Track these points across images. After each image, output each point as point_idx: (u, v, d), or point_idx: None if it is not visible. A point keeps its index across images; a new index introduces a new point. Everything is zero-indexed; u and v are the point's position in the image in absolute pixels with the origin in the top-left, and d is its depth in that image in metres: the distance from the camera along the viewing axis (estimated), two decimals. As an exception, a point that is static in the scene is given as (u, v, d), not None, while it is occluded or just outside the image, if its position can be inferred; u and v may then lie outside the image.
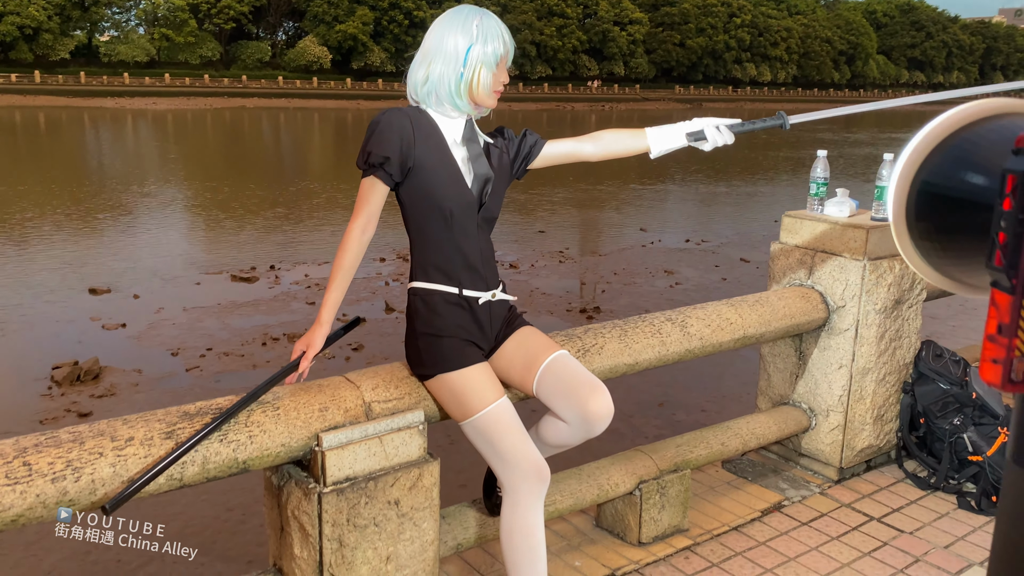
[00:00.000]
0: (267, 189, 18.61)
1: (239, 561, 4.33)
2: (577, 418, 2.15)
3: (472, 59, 2.08)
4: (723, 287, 11.02)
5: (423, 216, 2.16)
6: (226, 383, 7.51)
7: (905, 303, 3.27)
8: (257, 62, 60.62)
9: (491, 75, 2.12)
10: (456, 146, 2.17)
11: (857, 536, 2.97)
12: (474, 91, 2.12)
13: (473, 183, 2.16)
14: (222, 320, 9.12)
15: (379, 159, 2.08)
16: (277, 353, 8.20)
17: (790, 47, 78.54)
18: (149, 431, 1.86)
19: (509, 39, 2.14)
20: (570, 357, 2.22)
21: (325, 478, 2.03)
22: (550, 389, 2.17)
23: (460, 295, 2.18)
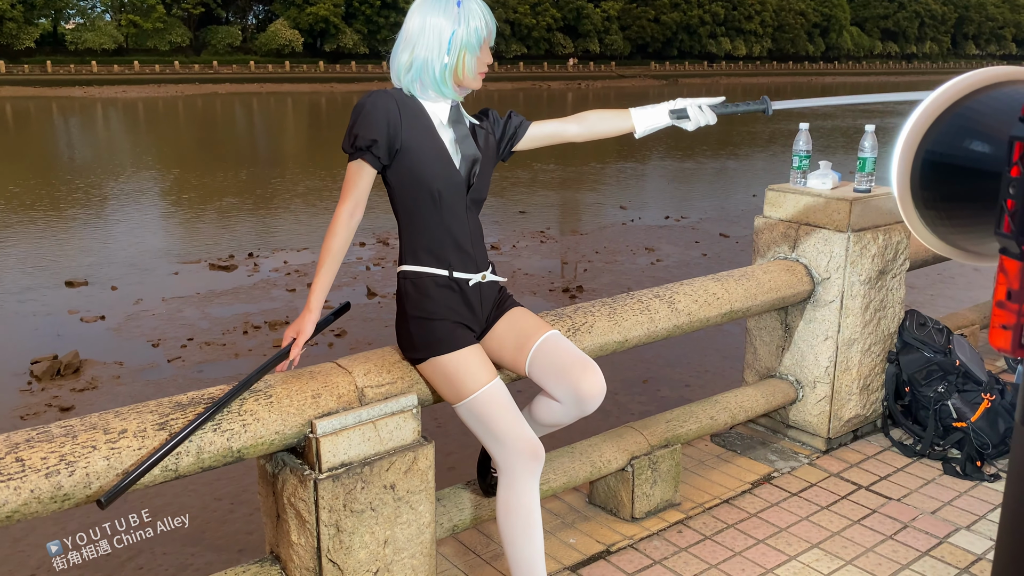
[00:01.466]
0: (242, 176, 18.43)
1: (229, 550, 4.33)
2: (570, 397, 2.15)
3: (456, 44, 2.06)
4: (704, 263, 11.08)
5: (412, 198, 2.15)
6: (209, 373, 7.47)
7: (889, 273, 3.30)
8: (228, 47, 59.81)
9: (475, 59, 2.10)
10: (443, 127, 2.15)
11: (846, 505, 3.01)
12: (459, 76, 2.11)
13: (461, 164, 2.15)
14: (202, 309, 9.05)
15: (366, 142, 2.06)
16: (259, 341, 8.15)
17: (764, 20, 78.57)
18: (142, 423, 1.85)
19: (491, 18, 2.12)
20: (561, 337, 2.23)
21: (320, 464, 2.03)
22: (542, 369, 2.18)
23: (450, 277, 2.17)
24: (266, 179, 17.89)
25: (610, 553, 2.72)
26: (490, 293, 2.24)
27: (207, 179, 18.02)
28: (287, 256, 11.32)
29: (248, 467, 2.21)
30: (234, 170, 19.37)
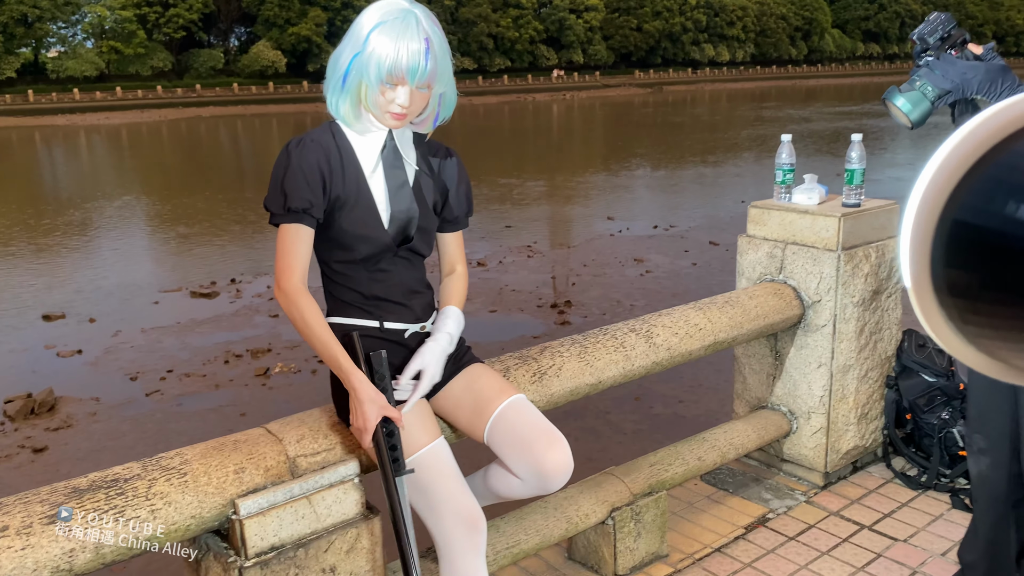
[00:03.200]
0: (226, 200, 18.17)
1: None
2: (531, 473, 1.88)
3: (353, 66, 1.78)
4: (695, 272, 10.86)
5: (330, 251, 1.90)
6: (188, 405, 7.21)
7: (884, 293, 3.06)
8: (210, 70, 59.57)
9: (375, 93, 1.78)
10: (374, 176, 1.88)
11: (849, 549, 2.75)
12: (363, 104, 1.82)
13: (391, 222, 1.87)
14: (182, 339, 8.81)
15: (303, 203, 1.80)
16: (240, 371, 7.89)
17: (746, 25, 78.71)
18: (28, 516, 1.58)
19: (408, 58, 1.74)
20: (526, 402, 1.96)
21: (246, 550, 1.76)
22: (502, 439, 1.91)
23: (381, 329, 1.92)
24: (250, 202, 17.63)
25: (591, 618, 2.46)
26: None
27: (189, 204, 17.76)
28: (270, 281, 11.05)
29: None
30: (217, 194, 19.12)
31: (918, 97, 1.92)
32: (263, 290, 10.53)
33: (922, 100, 1.92)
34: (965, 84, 1.90)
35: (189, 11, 57.13)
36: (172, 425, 6.75)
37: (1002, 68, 1.91)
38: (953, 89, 1.91)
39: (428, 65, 1.75)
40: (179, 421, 6.88)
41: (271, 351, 8.39)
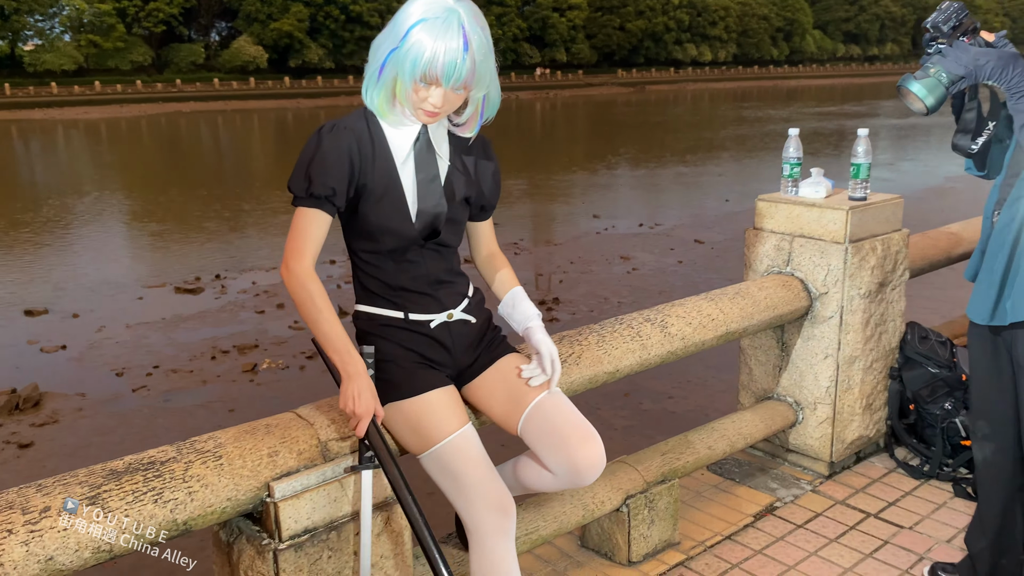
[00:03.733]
0: (208, 195, 18.03)
1: None
2: (564, 468, 1.90)
3: (391, 60, 1.77)
4: (680, 270, 10.93)
5: (357, 239, 1.91)
6: (176, 401, 7.18)
7: (889, 285, 3.11)
8: (191, 65, 59.01)
9: (408, 90, 1.78)
10: (404, 167, 1.87)
11: (856, 536, 2.80)
12: (397, 97, 1.81)
13: (418, 217, 1.87)
14: (168, 335, 8.76)
15: (325, 190, 1.80)
16: (227, 367, 7.86)
17: (728, 26, 79.07)
18: (70, 497, 1.59)
19: (445, 59, 1.71)
20: (562, 396, 1.97)
21: (280, 532, 1.78)
22: (537, 433, 1.92)
23: (406, 320, 1.93)
24: (233, 197, 17.52)
25: (607, 603, 2.49)
26: (465, 331, 1.99)
27: (171, 199, 17.63)
28: (255, 276, 11.02)
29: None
30: (199, 189, 18.97)
31: (933, 83, 1.96)
32: (248, 286, 10.48)
33: (937, 86, 1.96)
34: (978, 70, 1.95)
35: (169, 5, 56.56)
36: (160, 421, 6.71)
37: (1013, 55, 1.96)
38: (966, 75, 1.95)
39: (465, 68, 1.73)
40: (167, 417, 6.84)
41: (258, 347, 8.36)
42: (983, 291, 2.15)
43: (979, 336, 2.24)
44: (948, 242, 3.68)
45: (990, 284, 2.12)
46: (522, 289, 2.09)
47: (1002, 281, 2.09)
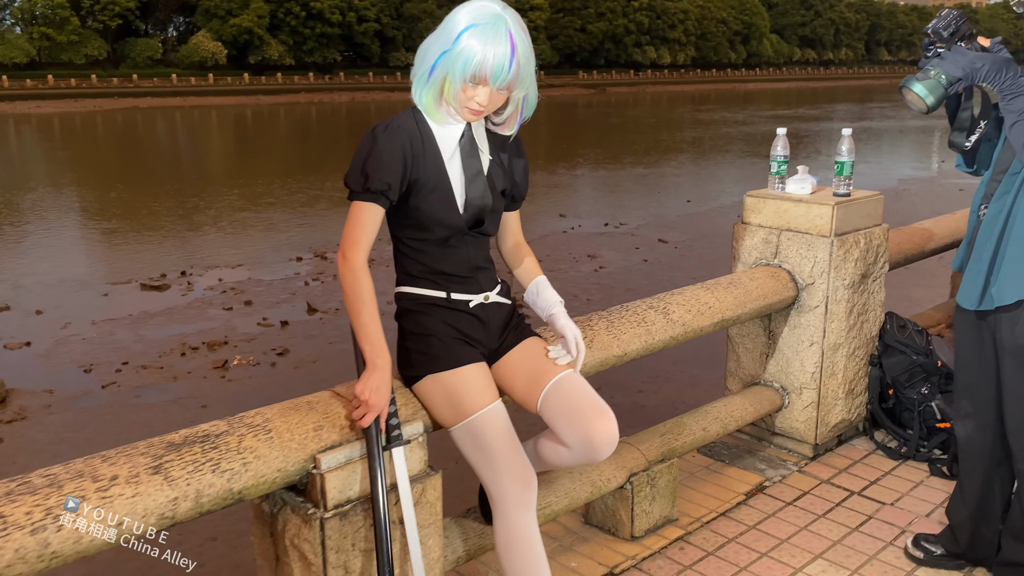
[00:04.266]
0: (168, 192, 17.82)
1: None
2: (579, 443, 2.04)
3: (442, 62, 1.89)
4: (646, 268, 11.15)
5: (405, 229, 2.03)
6: (147, 397, 7.16)
7: (870, 277, 3.30)
8: (148, 60, 58.02)
9: (457, 90, 1.91)
10: (452, 162, 2.01)
11: (842, 512, 2.98)
12: (444, 97, 1.94)
13: (466, 208, 2.01)
14: (136, 332, 8.70)
15: (382, 185, 1.91)
16: (198, 363, 7.85)
17: (687, 29, 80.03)
18: (134, 467, 1.68)
19: (494, 65, 1.86)
20: (579, 377, 2.11)
21: (326, 502, 1.88)
22: (555, 409, 2.05)
23: (448, 299, 2.06)
24: (194, 195, 17.34)
25: (614, 575, 2.63)
26: (498, 313, 2.13)
27: (131, 196, 17.39)
28: (221, 273, 10.98)
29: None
30: (159, 186, 18.74)
31: (934, 84, 2.13)
32: (215, 283, 10.45)
33: (937, 87, 2.13)
34: (974, 72, 2.12)
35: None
36: (132, 417, 6.69)
37: (1007, 59, 2.14)
38: (964, 77, 2.13)
39: (511, 71, 1.88)
40: (139, 413, 6.82)
41: (227, 343, 8.36)
42: (972, 279, 2.33)
43: (966, 321, 2.42)
44: (922, 237, 3.89)
45: (978, 272, 2.30)
46: (545, 278, 2.24)
47: (989, 269, 2.27)
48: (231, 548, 4.50)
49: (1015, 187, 2.23)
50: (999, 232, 2.25)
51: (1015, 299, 2.23)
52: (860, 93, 63.11)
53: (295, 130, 37.42)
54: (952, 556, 2.61)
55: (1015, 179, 2.23)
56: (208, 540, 4.54)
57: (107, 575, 4.14)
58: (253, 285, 10.40)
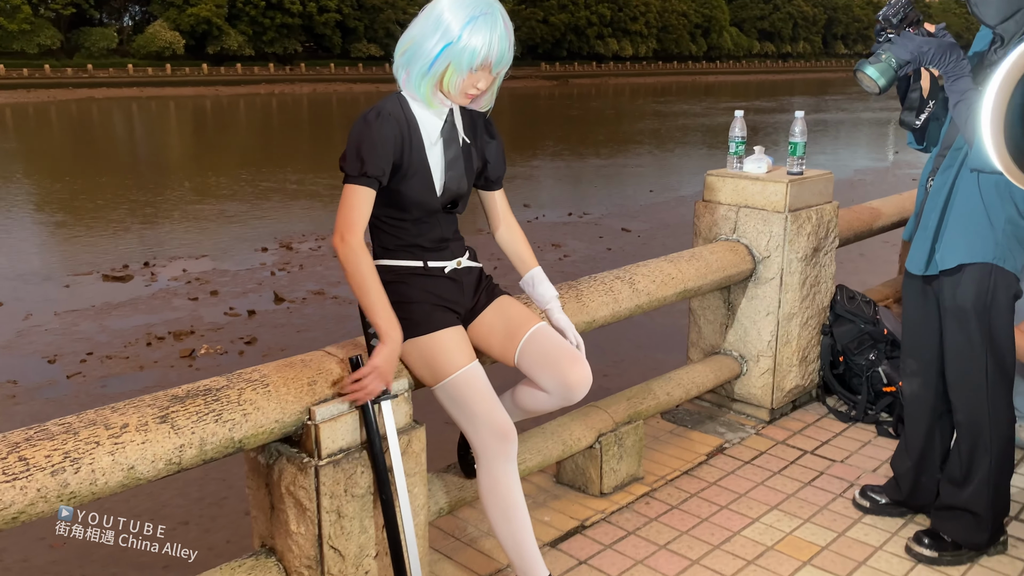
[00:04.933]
0: (127, 184, 17.62)
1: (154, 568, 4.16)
2: (558, 387, 2.21)
3: (445, 55, 2.01)
4: (610, 257, 11.34)
5: (383, 208, 2.16)
6: (113, 387, 7.17)
7: (822, 251, 3.51)
8: (103, 50, 56.91)
9: (461, 79, 2.04)
10: (432, 147, 2.14)
11: (796, 469, 3.19)
12: (443, 86, 2.06)
13: (443, 192, 2.16)
14: (99, 322, 8.67)
15: (378, 171, 2.04)
16: (164, 352, 7.87)
17: (649, 21, 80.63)
18: (143, 416, 1.81)
19: (500, 47, 2.02)
20: (549, 328, 2.28)
21: (320, 451, 2.02)
22: (532, 359, 2.22)
23: (425, 267, 2.21)
24: (153, 186, 17.16)
25: (585, 528, 2.80)
26: (470, 277, 2.28)
27: (90, 187, 17.14)
28: (185, 264, 10.95)
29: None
30: (117, 178, 18.52)
31: (885, 67, 2.32)
32: (179, 273, 10.43)
33: (888, 69, 2.32)
34: (921, 56, 2.31)
35: (79, -14, 54.47)
36: (99, 406, 6.71)
37: (951, 43, 2.33)
38: (912, 59, 2.32)
39: (509, 56, 2.05)
40: (106, 402, 6.83)
41: (194, 333, 8.37)
42: (919, 246, 2.53)
43: (913, 287, 2.63)
44: (870, 216, 4.12)
45: (925, 239, 2.51)
46: (540, 270, 2.40)
47: (934, 237, 2.47)
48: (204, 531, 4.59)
49: (958, 161, 2.43)
50: (943, 203, 2.45)
51: (956, 263, 2.43)
52: (817, 86, 64.10)
53: (256, 122, 37.09)
54: (895, 504, 2.82)
55: (958, 154, 2.43)
56: (181, 524, 4.62)
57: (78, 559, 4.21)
58: (218, 275, 10.40)
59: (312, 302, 9.16)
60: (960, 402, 2.56)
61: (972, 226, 2.40)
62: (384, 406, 2.10)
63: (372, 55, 65.73)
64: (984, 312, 2.43)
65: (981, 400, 2.50)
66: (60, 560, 4.14)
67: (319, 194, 15.57)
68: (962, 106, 2.30)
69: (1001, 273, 2.42)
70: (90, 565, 4.15)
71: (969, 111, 2.26)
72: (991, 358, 2.47)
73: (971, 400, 2.52)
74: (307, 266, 10.62)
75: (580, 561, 2.62)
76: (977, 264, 2.41)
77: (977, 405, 2.51)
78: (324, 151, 23.66)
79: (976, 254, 2.40)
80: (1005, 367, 2.50)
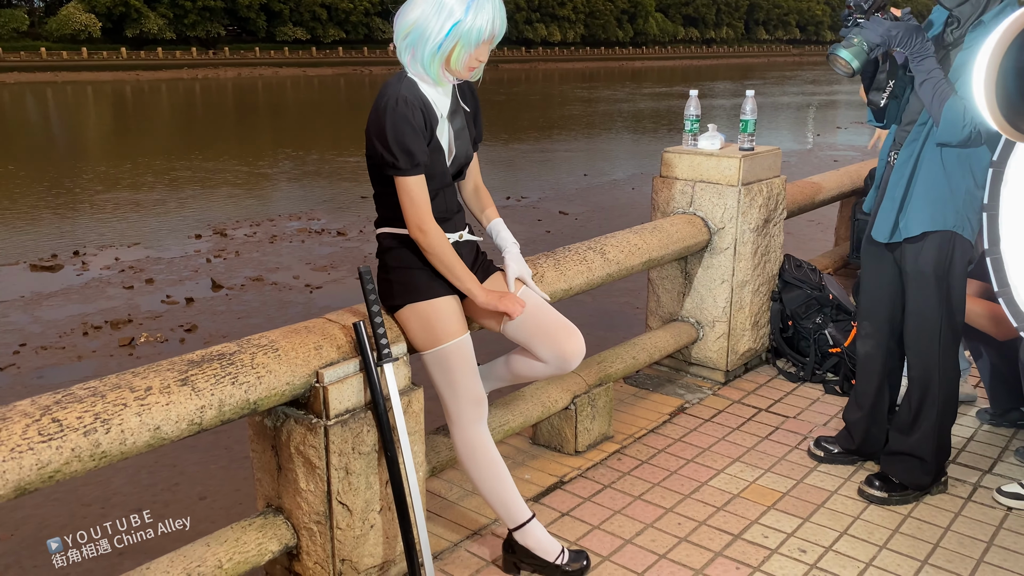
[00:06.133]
0: (46, 172, 17.02)
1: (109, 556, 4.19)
2: (555, 358, 2.35)
3: (454, 34, 2.08)
4: (549, 239, 11.53)
5: None
6: (50, 378, 7.03)
7: (771, 222, 3.74)
8: (12, 32, 54.52)
9: (468, 54, 2.13)
10: (443, 123, 2.23)
11: (753, 425, 3.42)
12: (449, 64, 2.15)
13: (452, 163, 2.26)
14: (30, 313, 8.43)
15: (424, 157, 2.13)
16: (102, 342, 7.73)
17: (576, 7, 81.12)
18: (164, 380, 1.89)
19: (501, 20, 2.12)
20: (542, 301, 2.42)
21: (328, 412, 2.13)
22: (528, 331, 2.35)
23: None
24: (74, 174, 16.62)
25: (563, 483, 2.97)
26: (469, 251, 2.40)
27: (7, 176, 16.54)
28: (118, 252, 10.70)
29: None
30: (35, 165, 17.87)
31: (857, 50, 2.52)
32: (111, 262, 10.21)
33: (861, 52, 2.52)
34: (890, 39, 2.51)
35: (-15, -34, 52.00)
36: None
37: (916, 26, 2.54)
38: (881, 43, 2.52)
39: (506, 25, 2.17)
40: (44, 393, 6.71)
41: (132, 322, 8.23)
42: (884, 216, 2.73)
43: (873, 253, 2.84)
44: (812, 190, 4.38)
45: (891, 210, 2.70)
46: (502, 221, 2.53)
47: (899, 207, 2.68)
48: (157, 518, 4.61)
49: (922, 135, 2.64)
50: (908, 175, 2.66)
51: (920, 231, 2.64)
52: (740, 71, 65.54)
53: (179, 107, 36.09)
54: (847, 452, 3.07)
55: (923, 129, 2.64)
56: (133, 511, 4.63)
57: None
58: (152, 263, 10.21)
59: (251, 288, 9.09)
60: (915, 359, 2.79)
61: (935, 196, 2.61)
62: (386, 368, 2.22)
63: (298, 38, 64.51)
64: (943, 276, 2.66)
65: (933, 357, 2.73)
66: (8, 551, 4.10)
67: (246, 180, 15.36)
68: (928, 84, 2.51)
69: (960, 240, 2.64)
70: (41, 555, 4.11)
71: (935, 90, 2.48)
72: (945, 319, 2.70)
73: (925, 357, 2.75)
74: (243, 252, 10.51)
75: (562, 513, 2.79)
76: (939, 232, 2.63)
77: (929, 361, 2.74)
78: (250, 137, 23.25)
79: (938, 222, 2.62)
80: (956, 327, 2.74)
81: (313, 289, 8.86)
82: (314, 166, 17.20)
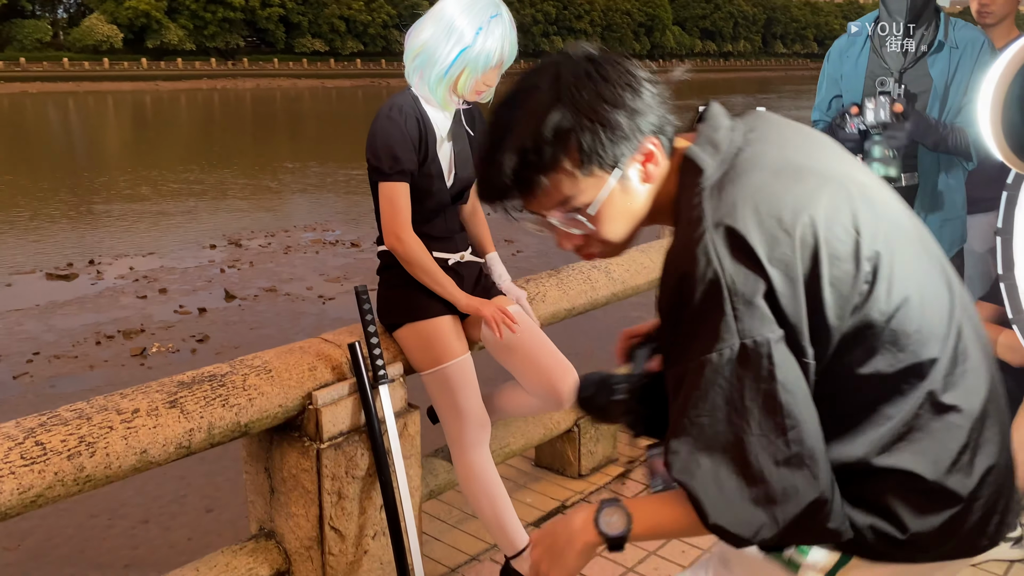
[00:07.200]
0: (67, 181, 17.18)
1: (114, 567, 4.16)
2: (548, 395, 2.29)
3: (461, 59, 2.07)
4: (560, 252, 11.43)
5: None
6: (63, 387, 7.03)
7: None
8: (37, 43, 55.22)
9: (475, 80, 2.12)
10: (443, 143, 2.21)
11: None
12: (456, 88, 2.13)
13: (453, 184, 2.23)
14: (45, 322, 8.46)
15: (411, 165, 2.11)
16: (114, 351, 7.73)
17: (593, 20, 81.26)
18: (152, 402, 1.85)
19: (511, 46, 2.11)
20: (542, 334, 2.37)
21: (321, 434, 2.09)
22: (521, 362, 2.30)
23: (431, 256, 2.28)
24: (93, 183, 16.77)
25: (565, 507, 2.91)
26: (471, 271, 2.36)
27: (26, 185, 16.69)
28: (132, 262, 10.74)
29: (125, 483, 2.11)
30: (56, 174, 18.05)
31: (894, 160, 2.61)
32: (125, 271, 10.23)
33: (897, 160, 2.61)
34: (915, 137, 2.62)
35: (10, -23, 52.77)
36: (49, 407, 6.56)
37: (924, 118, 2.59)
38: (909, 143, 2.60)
39: (516, 51, 2.14)
40: (57, 402, 6.64)
41: (144, 331, 8.24)
42: None
43: None
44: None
45: None
46: (496, 255, 2.49)
47: None
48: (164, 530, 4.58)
49: None
50: None
51: None
52: (757, 84, 65.39)
53: (197, 117, 36.42)
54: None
55: None
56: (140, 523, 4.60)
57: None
58: (166, 273, 10.24)
59: (264, 299, 9.09)
60: None
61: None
62: (382, 390, 2.18)
63: (317, 50, 64.99)
64: None
65: None
66: (15, 563, 4.10)
67: (262, 191, 15.42)
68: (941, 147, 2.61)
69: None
70: (47, 566, 4.11)
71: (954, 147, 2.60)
72: None
73: None
74: (257, 263, 10.53)
75: (563, 539, 2.72)
76: None
77: None
78: (267, 147, 23.38)
79: None
80: None
81: (326, 300, 8.85)
82: (330, 177, 17.24)
